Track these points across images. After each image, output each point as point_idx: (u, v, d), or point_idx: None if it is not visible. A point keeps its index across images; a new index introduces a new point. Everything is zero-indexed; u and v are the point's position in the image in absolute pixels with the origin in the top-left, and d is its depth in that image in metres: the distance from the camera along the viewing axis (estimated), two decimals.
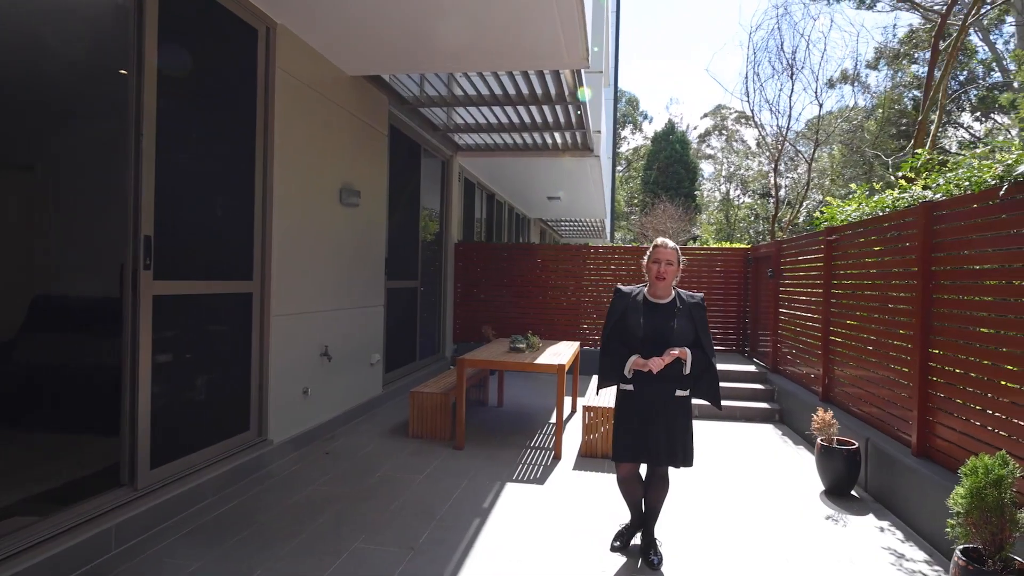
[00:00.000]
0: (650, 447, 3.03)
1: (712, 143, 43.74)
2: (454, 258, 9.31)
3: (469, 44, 4.85)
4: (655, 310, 3.07)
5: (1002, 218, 3.19)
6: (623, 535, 3.37)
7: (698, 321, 3.05)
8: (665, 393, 3.02)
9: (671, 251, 3.08)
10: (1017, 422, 3.10)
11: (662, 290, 3.08)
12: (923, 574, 3.21)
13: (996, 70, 21.33)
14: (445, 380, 5.99)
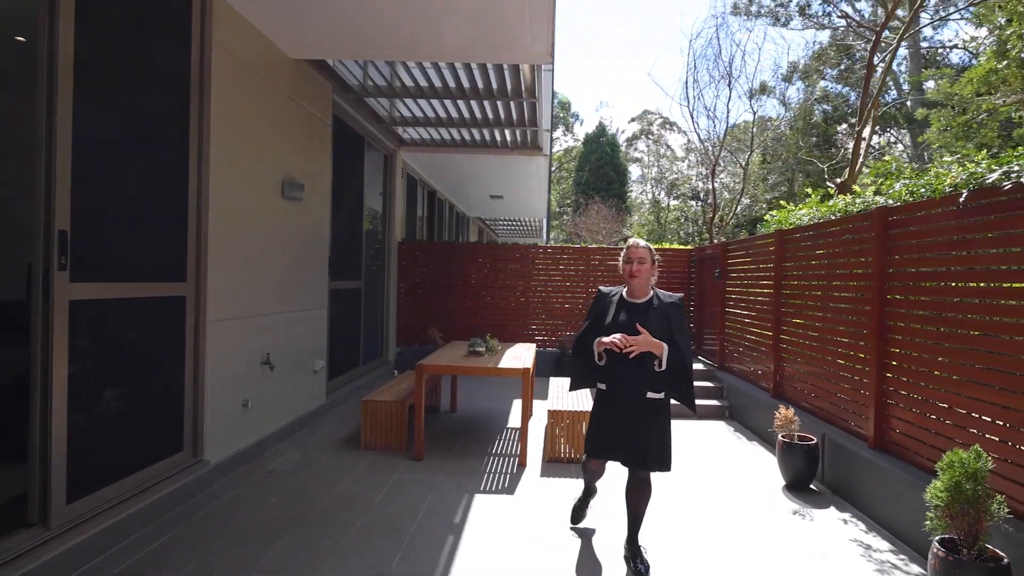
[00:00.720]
0: (620, 447, 3.02)
1: (639, 147, 45.16)
2: (397, 257, 8.91)
3: (428, 31, 4.57)
4: (631, 309, 3.05)
5: (961, 223, 3.32)
6: (578, 508, 3.56)
7: (673, 320, 3.00)
8: (637, 394, 2.97)
9: (643, 250, 3.07)
10: (969, 414, 3.25)
11: (638, 289, 3.08)
12: (892, 564, 3.29)
13: (892, 88, 23.27)
14: (398, 387, 5.66)
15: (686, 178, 33.10)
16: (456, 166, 9.83)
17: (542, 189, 11.63)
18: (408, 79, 6.10)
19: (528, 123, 7.30)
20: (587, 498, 3.55)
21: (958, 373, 3.38)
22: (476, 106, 6.78)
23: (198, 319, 4.02)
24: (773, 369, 5.70)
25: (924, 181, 3.66)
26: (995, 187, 2.96)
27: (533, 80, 5.82)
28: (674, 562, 3.23)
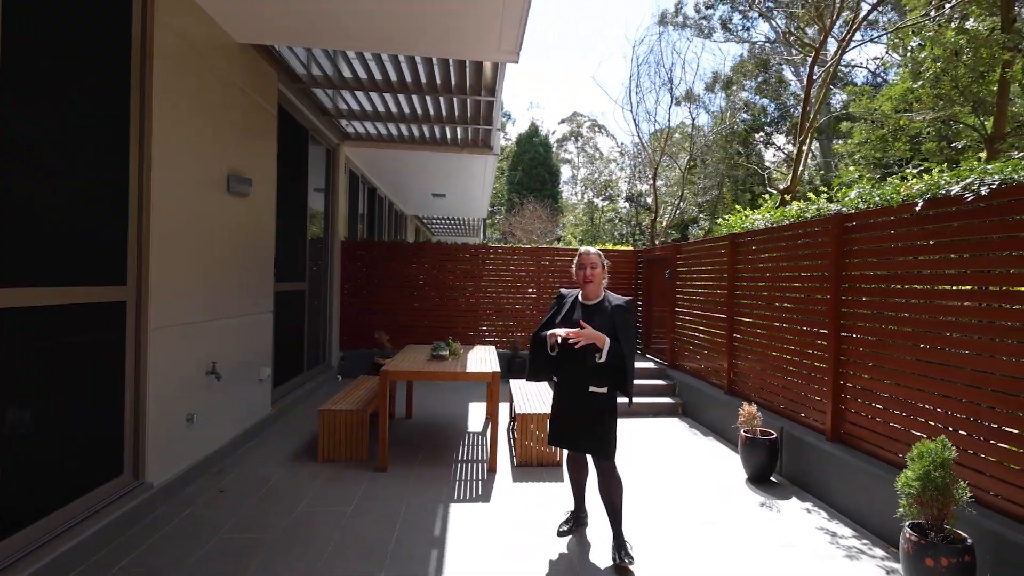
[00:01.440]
0: (569, 435, 3.33)
1: (569, 148, 45.99)
2: (340, 257, 8.52)
3: (391, 21, 4.34)
4: (580, 309, 3.32)
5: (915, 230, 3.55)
6: (568, 520, 3.61)
7: (618, 320, 3.18)
8: (580, 386, 3.22)
9: (595, 256, 3.33)
10: (921, 405, 3.48)
11: (590, 292, 3.34)
12: (858, 549, 3.47)
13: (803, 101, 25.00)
14: (354, 394, 5.38)
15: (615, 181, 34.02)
16: (401, 163, 9.53)
17: (487, 188, 11.52)
18: (361, 70, 5.82)
19: (483, 121, 7.18)
20: (577, 512, 3.66)
21: (909, 368, 3.62)
22: (431, 101, 6.59)
23: (139, 326, 3.61)
24: (727, 367, 5.91)
25: (880, 191, 3.88)
26: (955, 198, 3.18)
27: (494, 78, 5.71)
28: (656, 556, 3.24)
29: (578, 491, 3.63)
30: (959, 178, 3.15)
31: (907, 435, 3.61)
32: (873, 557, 3.38)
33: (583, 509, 3.67)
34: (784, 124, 24.13)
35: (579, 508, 3.65)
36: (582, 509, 3.66)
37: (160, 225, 3.72)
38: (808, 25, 24.21)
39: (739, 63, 26.27)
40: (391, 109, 6.96)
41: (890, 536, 3.52)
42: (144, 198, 3.60)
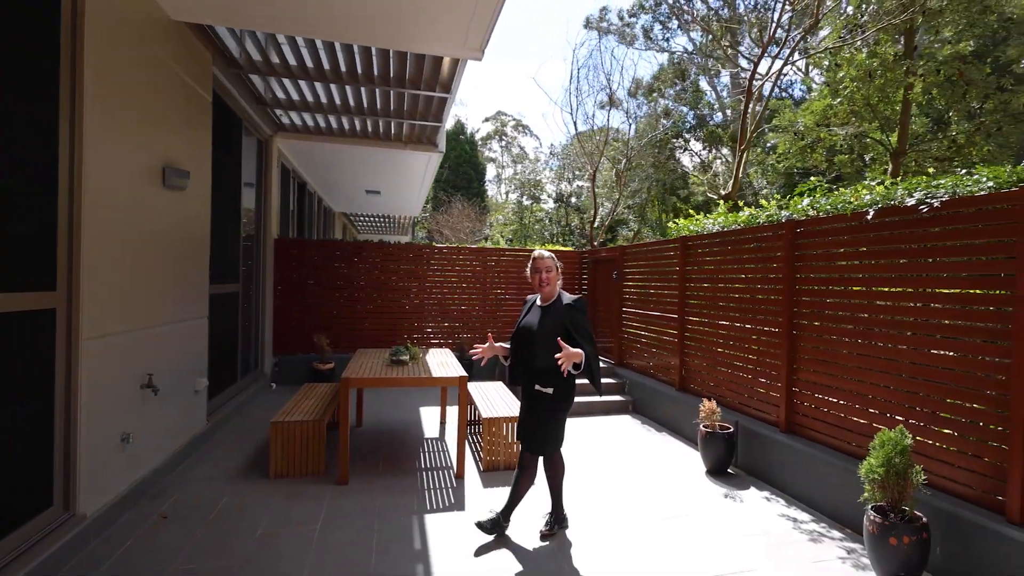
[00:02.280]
0: (521, 432, 3.51)
1: (493, 147, 46.10)
2: (274, 256, 8.01)
3: (352, 9, 4.11)
4: (534, 311, 3.51)
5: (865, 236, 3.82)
6: (493, 522, 3.56)
7: (566, 319, 3.32)
8: (529, 386, 3.41)
9: (548, 260, 3.48)
10: (869, 397, 3.77)
11: (546, 295, 3.48)
12: (819, 533, 3.70)
13: (718, 110, 26.57)
14: (304, 403, 5.05)
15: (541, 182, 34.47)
16: (338, 157, 9.08)
17: (425, 186, 11.25)
18: (309, 57, 5.46)
19: (432, 118, 6.98)
20: (510, 509, 3.63)
21: (856, 363, 3.90)
22: (380, 94, 6.32)
23: (71, 336, 3.19)
24: (678, 364, 6.12)
25: (830, 199, 4.15)
26: (905, 207, 3.44)
27: (452, 74, 5.56)
28: (636, 550, 3.28)
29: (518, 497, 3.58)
30: (909, 190, 3.42)
31: (856, 424, 3.89)
32: (832, 539, 3.61)
33: (562, 509, 3.69)
34: (701, 131, 25.43)
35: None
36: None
37: (94, 222, 3.30)
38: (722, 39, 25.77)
39: (660, 71, 27.42)
40: (335, 100, 6.61)
41: (843, 518, 3.77)
42: (76, 192, 3.18)
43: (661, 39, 27.85)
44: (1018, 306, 2.85)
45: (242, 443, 5.28)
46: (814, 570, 3.22)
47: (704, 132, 26.30)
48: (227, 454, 4.97)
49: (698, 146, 27.74)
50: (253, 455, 4.94)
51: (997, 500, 2.96)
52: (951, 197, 3.17)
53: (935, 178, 3.34)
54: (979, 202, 3.05)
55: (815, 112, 11.41)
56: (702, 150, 27.20)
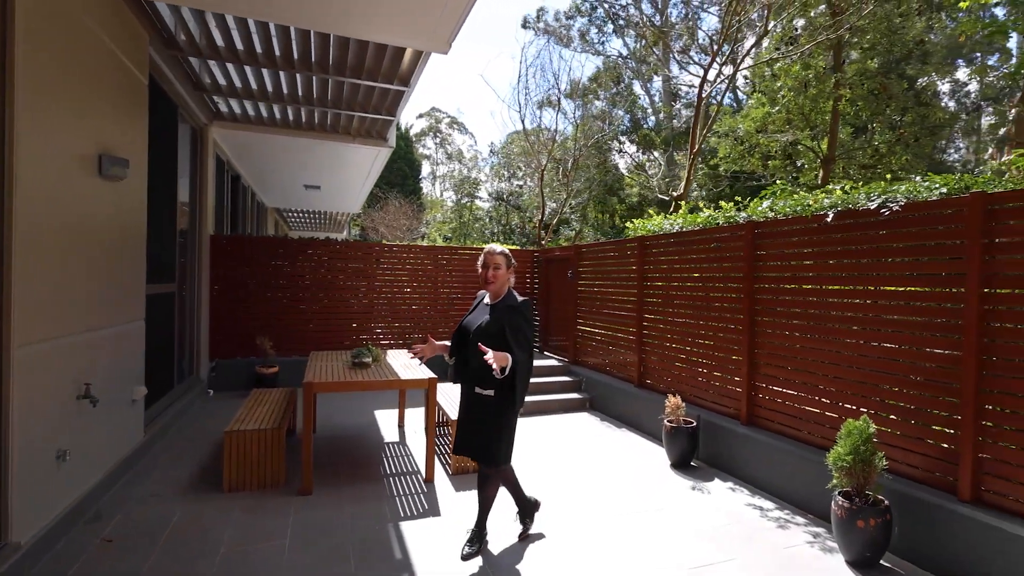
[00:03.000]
0: (463, 440, 3.27)
1: (427, 143, 45.49)
2: (210, 254, 7.49)
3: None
4: (479, 309, 3.34)
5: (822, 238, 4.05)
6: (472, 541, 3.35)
7: (505, 320, 3.14)
8: (469, 389, 3.23)
9: (498, 256, 3.26)
10: (822, 387, 4.00)
11: (492, 291, 3.29)
12: (785, 519, 3.88)
13: (651, 114, 27.48)
14: (257, 411, 4.75)
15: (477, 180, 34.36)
16: (277, 148, 8.59)
17: (370, 182, 10.89)
18: (259, 41, 5.12)
19: (386, 112, 6.75)
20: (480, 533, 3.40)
21: (812, 356, 4.13)
22: (332, 84, 6.03)
23: (2, 345, 2.82)
24: (637, 361, 6.25)
25: (788, 203, 4.36)
26: (864, 211, 3.67)
27: (413, 67, 5.39)
28: (615, 545, 3.31)
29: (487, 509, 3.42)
30: (868, 194, 3.64)
31: (814, 415, 4.11)
32: (798, 525, 3.79)
33: (486, 525, 3.43)
34: (635, 134, 26.21)
35: (482, 526, 3.41)
36: (485, 525, 3.42)
37: (26, 216, 2.93)
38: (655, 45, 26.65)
39: (596, 73, 28.01)
40: (282, 88, 6.23)
41: (806, 504, 3.98)
42: (7, 182, 2.81)
43: (597, 42, 28.55)
44: (968, 302, 3.10)
45: (185, 455, 4.90)
46: (786, 555, 3.37)
47: (638, 135, 27.14)
48: (170, 468, 4.59)
49: (632, 148, 28.59)
50: (200, 468, 4.59)
51: (949, 481, 3.21)
52: (908, 201, 3.41)
53: (892, 184, 3.58)
54: (932, 207, 3.30)
55: (755, 119, 12.13)
56: (636, 152, 28.06)
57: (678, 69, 26.80)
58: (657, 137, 24.96)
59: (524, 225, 25.30)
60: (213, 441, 5.31)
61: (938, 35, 15.37)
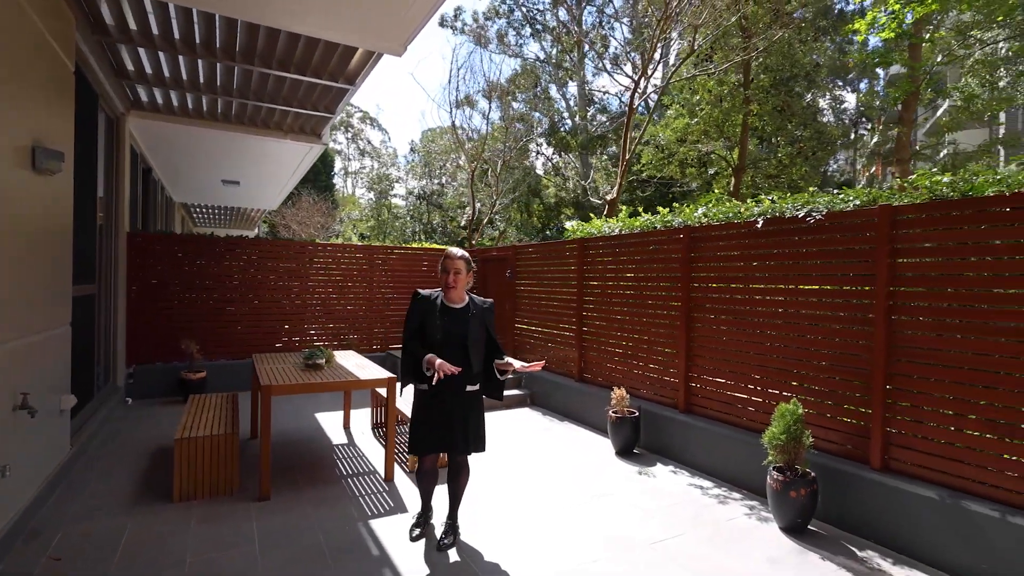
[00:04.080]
0: (450, 438, 3.28)
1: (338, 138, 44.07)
2: (127, 253, 6.97)
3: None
4: (451, 314, 3.31)
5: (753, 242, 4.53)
6: (420, 524, 3.57)
7: (488, 323, 3.37)
8: (459, 388, 3.27)
9: (460, 261, 3.32)
10: (751, 376, 4.49)
11: (455, 296, 3.34)
12: (724, 495, 4.30)
13: (568, 118, 28.35)
14: (203, 416, 4.55)
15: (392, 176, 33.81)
16: (198, 141, 8.11)
17: (295, 179, 10.50)
18: (200, 31, 4.88)
19: (325, 109, 6.60)
20: (427, 515, 3.64)
21: (739, 348, 4.62)
22: (273, 79, 5.83)
23: None
24: (578, 357, 6.56)
25: (721, 209, 4.82)
26: (792, 218, 4.16)
27: (362, 67, 5.34)
28: (577, 529, 3.56)
29: (430, 496, 3.64)
30: (794, 204, 4.14)
31: (744, 400, 4.60)
32: (736, 500, 4.23)
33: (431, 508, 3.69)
34: (552, 137, 26.93)
35: (429, 508, 3.66)
36: (431, 508, 3.68)
37: None
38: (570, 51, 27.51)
39: (514, 75, 28.48)
40: (216, 79, 5.92)
41: (740, 481, 4.43)
42: None
43: (515, 44, 29.02)
44: (877, 298, 3.63)
45: (118, 467, 4.60)
46: (729, 528, 3.76)
47: (555, 138, 27.95)
48: (105, 481, 4.30)
49: (549, 151, 29.37)
50: (139, 479, 4.34)
51: (863, 453, 3.74)
52: (829, 211, 3.92)
53: (815, 196, 4.09)
54: (848, 216, 3.82)
55: (676, 129, 13.00)
56: (553, 154, 28.85)
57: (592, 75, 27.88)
58: (573, 140, 25.85)
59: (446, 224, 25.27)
60: (146, 451, 5.01)
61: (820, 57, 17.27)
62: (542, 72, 27.49)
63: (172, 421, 6.01)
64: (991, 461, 3.16)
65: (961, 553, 3.11)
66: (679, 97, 13.03)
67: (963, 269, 3.30)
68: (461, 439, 3.29)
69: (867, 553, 3.40)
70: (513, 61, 28.55)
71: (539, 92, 27.31)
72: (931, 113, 19.75)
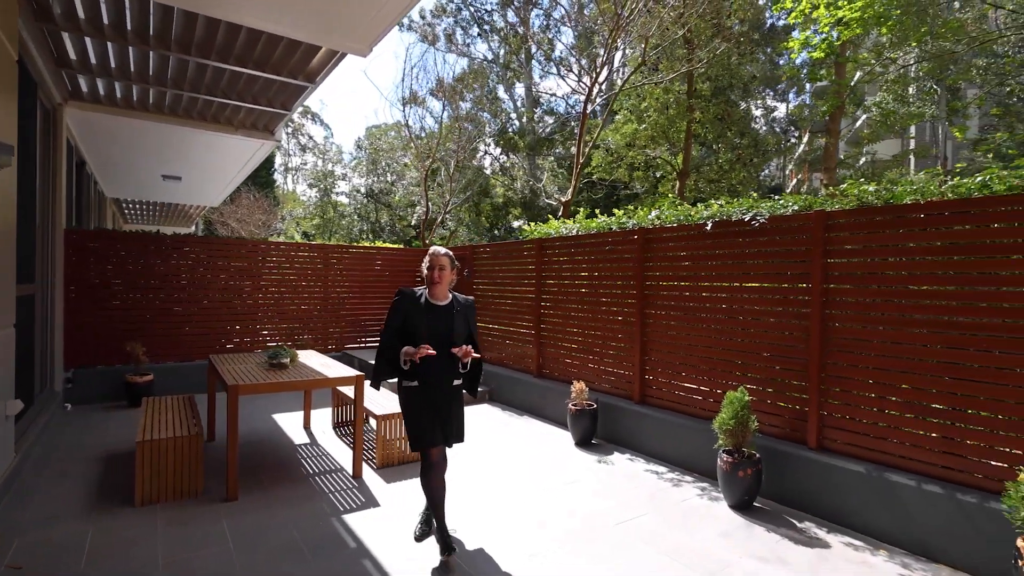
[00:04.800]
0: (441, 430, 3.31)
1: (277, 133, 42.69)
2: (65, 251, 6.63)
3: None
4: (435, 311, 3.32)
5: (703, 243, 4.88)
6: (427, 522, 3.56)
7: (471, 320, 3.44)
8: (447, 384, 3.33)
9: (445, 258, 3.35)
10: (701, 367, 4.84)
11: (440, 293, 3.35)
12: (677, 479, 4.61)
13: (516, 119, 28.65)
14: (162, 419, 4.45)
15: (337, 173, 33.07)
16: (140, 134, 7.77)
17: (243, 175, 10.19)
18: (156, 23, 4.75)
19: (281, 106, 6.51)
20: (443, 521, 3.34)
21: (688, 341, 4.96)
22: (230, 75, 5.71)
23: None
24: (536, 353, 6.77)
25: (673, 212, 5.15)
26: (738, 221, 4.51)
27: (324, 66, 5.33)
28: (550, 516, 3.76)
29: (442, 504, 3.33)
30: (740, 208, 4.50)
31: (694, 391, 4.93)
32: (688, 482, 4.54)
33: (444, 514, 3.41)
34: (500, 138, 27.15)
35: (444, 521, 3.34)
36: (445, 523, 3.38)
37: None
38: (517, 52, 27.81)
39: (461, 74, 28.52)
40: (168, 71, 5.70)
41: (692, 465, 4.76)
42: None
43: (462, 44, 29.05)
44: (812, 295, 4.02)
45: (70, 473, 4.44)
46: (684, 507, 4.06)
47: (503, 139, 28.19)
48: (55, 488, 4.15)
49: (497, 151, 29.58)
50: (93, 485, 4.21)
51: (800, 436, 4.12)
52: (772, 215, 4.29)
53: (758, 202, 4.46)
54: (789, 220, 4.20)
55: (624, 134, 13.49)
56: (500, 155, 29.08)
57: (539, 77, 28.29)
58: (521, 142, 26.18)
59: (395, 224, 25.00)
60: (97, 456, 4.84)
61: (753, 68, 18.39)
62: (490, 72, 27.68)
63: (119, 426, 5.80)
64: (909, 437, 3.58)
65: (885, 519, 3.51)
66: (627, 103, 13.60)
67: (884, 268, 3.72)
68: (454, 431, 3.36)
69: (806, 524, 3.77)
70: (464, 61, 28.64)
71: (488, 92, 27.48)
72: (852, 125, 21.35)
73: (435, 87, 19.31)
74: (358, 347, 8.94)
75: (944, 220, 3.47)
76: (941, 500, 3.28)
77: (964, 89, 16.38)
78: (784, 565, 3.23)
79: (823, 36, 8.49)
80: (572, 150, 24.81)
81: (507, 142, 27.14)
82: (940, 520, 3.27)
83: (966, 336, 3.36)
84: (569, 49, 17.74)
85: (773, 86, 23.70)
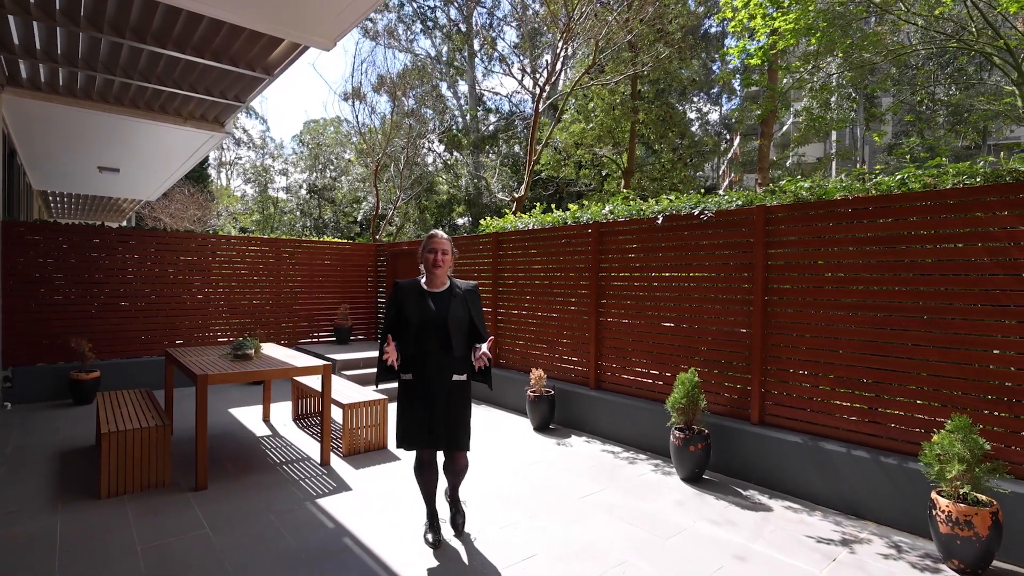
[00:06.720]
0: (436, 432, 3.10)
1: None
2: (3, 244, 6.30)
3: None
4: (430, 298, 3.17)
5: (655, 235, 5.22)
6: (434, 528, 3.31)
7: (472, 306, 3.22)
8: (444, 378, 3.11)
9: (445, 242, 3.20)
10: (653, 352, 5.19)
11: (439, 278, 3.21)
12: (631, 457, 4.93)
13: (459, 116, 28.67)
14: (123, 411, 4.37)
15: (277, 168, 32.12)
16: (80, 123, 7.41)
17: (186, 168, 9.83)
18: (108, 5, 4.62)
19: (234, 97, 6.40)
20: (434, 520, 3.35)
21: (639, 329, 5.30)
22: (184, 64, 5.59)
23: None
24: (493, 345, 6.97)
25: (626, 206, 5.46)
26: (687, 215, 4.87)
27: (284, 58, 5.31)
28: (514, 493, 3.99)
29: (432, 495, 3.37)
30: (689, 204, 4.86)
31: (645, 375, 5.27)
32: (643, 460, 4.87)
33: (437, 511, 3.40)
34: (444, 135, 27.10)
35: (435, 512, 3.38)
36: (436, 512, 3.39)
37: None
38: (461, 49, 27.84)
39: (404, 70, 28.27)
40: (119, 58, 5.49)
41: (645, 445, 5.09)
42: None
43: (405, 40, 28.78)
44: (755, 283, 4.42)
45: (23, 472, 4.30)
46: (640, 482, 4.37)
47: (447, 136, 28.15)
48: (13, 486, 4.02)
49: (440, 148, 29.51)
50: (54, 481, 4.11)
51: (745, 412, 4.52)
52: (718, 209, 4.66)
53: (705, 197, 4.83)
54: (733, 214, 4.58)
55: (573, 133, 13.89)
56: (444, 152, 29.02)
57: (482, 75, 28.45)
58: (465, 139, 26.25)
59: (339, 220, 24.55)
60: (49, 454, 4.69)
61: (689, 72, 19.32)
62: (433, 69, 27.54)
63: (68, 423, 5.60)
64: (839, 409, 4.01)
65: (819, 483, 3.93)
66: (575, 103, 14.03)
67: (816, 258, 4.15)
68: (447, 435, 3.11)
69: (750, 492, 4.16)
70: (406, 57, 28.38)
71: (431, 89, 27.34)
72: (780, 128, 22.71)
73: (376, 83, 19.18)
74: (312, 342, 8.87)
75: (869, 214, 3.91)
76: (867, 464, 3.72)
77: (880, 97, 17.82)
78: (733, 526, 3.58)
79: (759, 44, 9.13)
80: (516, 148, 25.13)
81: (451, 139, 27.15)
82: (866, 481, 3.71)
83: (887, 317, 3.81)
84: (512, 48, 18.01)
85: (707, 90, 24.89)
